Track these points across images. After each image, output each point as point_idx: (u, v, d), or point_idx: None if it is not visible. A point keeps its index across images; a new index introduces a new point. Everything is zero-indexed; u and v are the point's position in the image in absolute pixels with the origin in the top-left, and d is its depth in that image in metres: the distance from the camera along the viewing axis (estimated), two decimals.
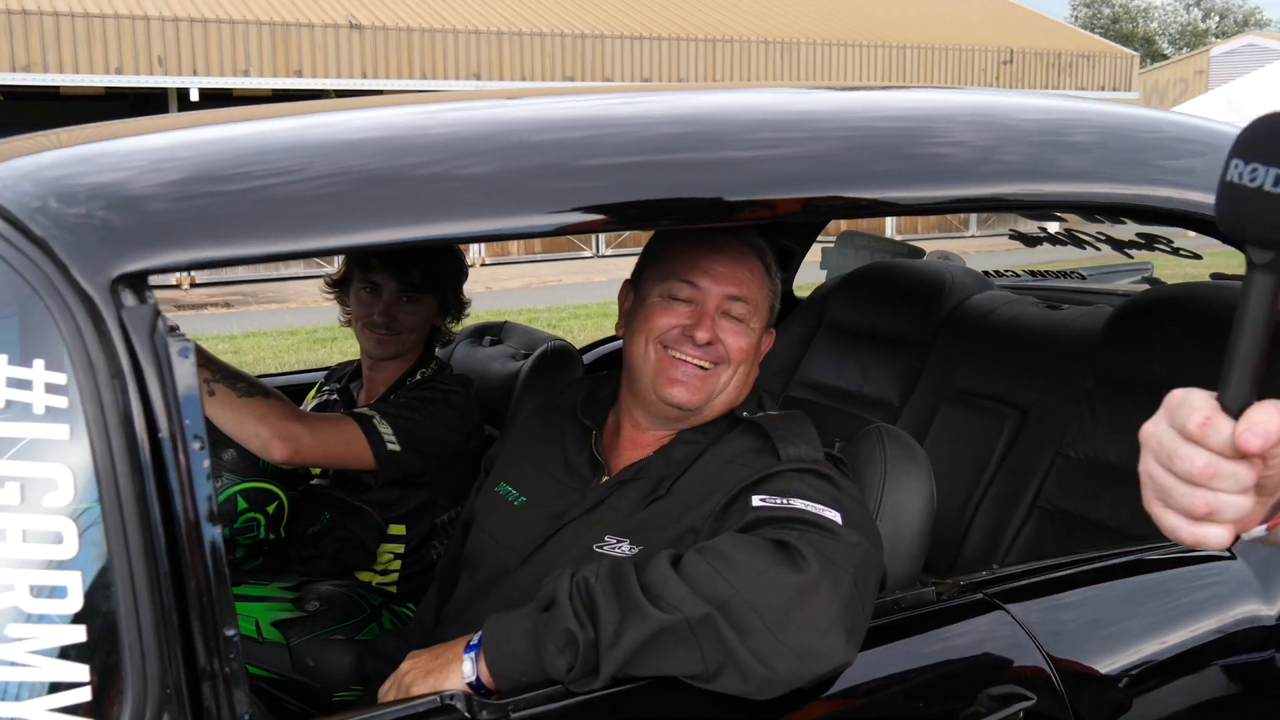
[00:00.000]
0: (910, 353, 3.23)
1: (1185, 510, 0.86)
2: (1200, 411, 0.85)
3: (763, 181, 1.42)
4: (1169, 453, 0.86)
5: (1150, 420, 0.90)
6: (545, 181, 1.30)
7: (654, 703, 1.32)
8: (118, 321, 1.08)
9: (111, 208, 1.16)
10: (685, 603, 1.32)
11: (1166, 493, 0.87)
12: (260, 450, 2.06)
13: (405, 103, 1.66)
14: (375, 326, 2.43)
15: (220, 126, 1.45)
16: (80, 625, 1.06)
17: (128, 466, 1.06)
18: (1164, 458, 0.87)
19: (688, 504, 1.65)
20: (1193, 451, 0.85)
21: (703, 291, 1.70)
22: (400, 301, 2.43)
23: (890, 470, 1.73)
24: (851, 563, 1.38)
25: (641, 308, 1.76)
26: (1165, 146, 1.77)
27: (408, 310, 2.44)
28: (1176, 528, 0.87)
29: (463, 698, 1.27)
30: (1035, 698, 1.41)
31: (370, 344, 2.46)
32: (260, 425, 2.04)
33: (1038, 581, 1.58)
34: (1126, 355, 2.58)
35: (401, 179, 1.25)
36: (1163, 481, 0.87)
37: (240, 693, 1.10)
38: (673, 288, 1.72)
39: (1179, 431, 0.86)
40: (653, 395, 1.72)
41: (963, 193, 1.55)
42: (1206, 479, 0.84)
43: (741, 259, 1.73)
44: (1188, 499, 0.85)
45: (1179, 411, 0.86)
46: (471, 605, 1.81)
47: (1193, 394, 0.86)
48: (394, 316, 2.43)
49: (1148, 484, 0.90)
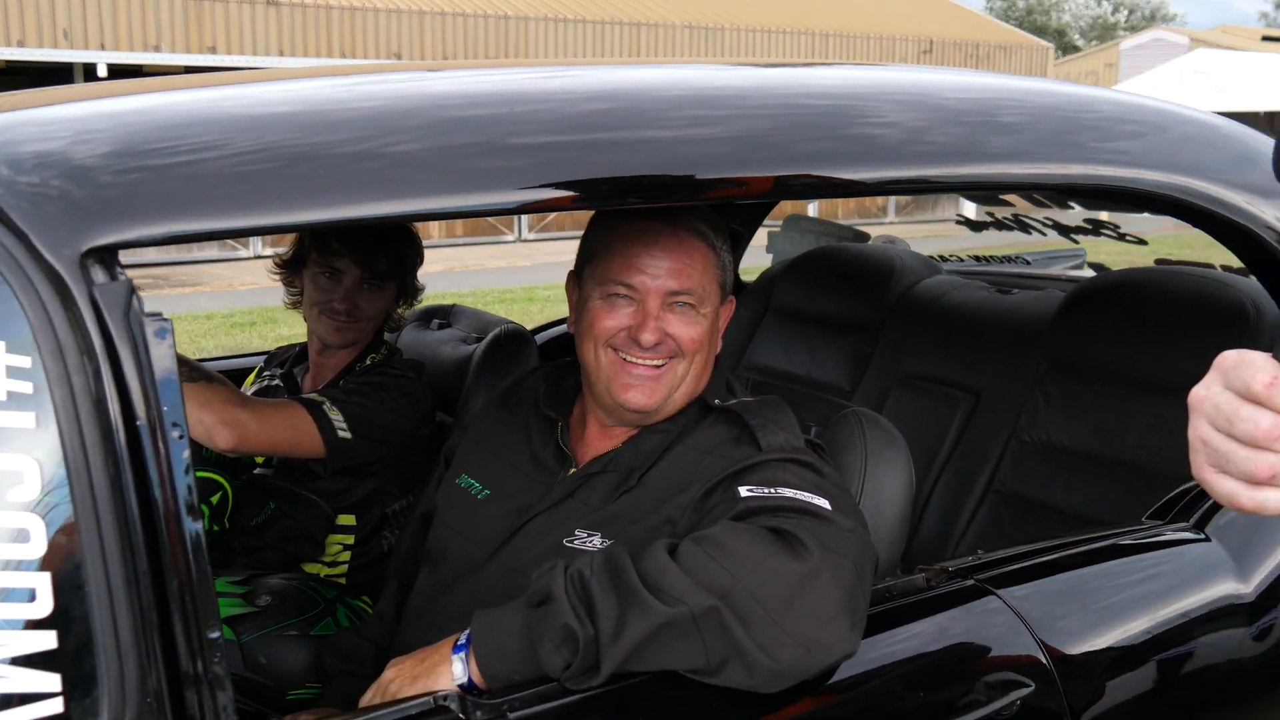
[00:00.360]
0: (860, 337, 3.22)
1: (1247, 475, 0.83)
2: (1265, 371, 0.82)
3: (689, 161, 1.37)
4: (1228, 415, 0.83)
5: (1200, 384, 0.87)
6: (476, 160, 1.24)
7: (654, 699, 1.27)
8: (89, 299, 0.99)
9: (64, 177, 1.08)
10: (689, 594, 1.27)
11: (1225, 457, 0.84)
12: (204, 438, 1.96)
13: (320, 75, 1.59)
14: (335, 313, 2.34)
15: (124, 98, 1.36)
16: (50, 630, 0.98)
17: (101, 456, 0.98)
18: (1222, 421, 0.84)
19: (663, 495, 1.60)
20: (1256, 413, 0.81)
21: (640, 292, 1.63)
22: (362, 288, 2.34)
23: (871, 456, 1.70)
24: (851, 549, 1.35)
25: (586, 310, 1.69)
26: (1099, 127, 1.76)
27: (369, 297, 2.36)
28: (1235, 493, 0.84)
29: (456, 698, 1.21)
30: (1033, 685, 1.39)
31: (327, 331, 2.37)
32: (204, 411, 1.95)
33: (1026, 566, 1.56)
34: (1078, 339, 2.59)
35: (325, 156, 1.18)
36: (1220, 446, 0.84)
37: (225, 696, 1.03)
38: (610, 289, 1.65)
39: (1240, 393, 0.83)
40: (609, 400, 1.67)
41: (894, 174, 1.52)
42: (1272, 440, 0.81)
43: (679, 247, 1.65)
44: (1250, 462, 0.82)
45: (1239, 371, 0.83)
46: (436, 601, 1.75)
47: (1250, 354, 0.84)
48: (355, 304, 2.34)
49: (1199, 449, 0.86)
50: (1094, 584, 1.59)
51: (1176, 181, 1.73)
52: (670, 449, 1.65)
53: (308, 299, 2.38)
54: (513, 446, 1.82)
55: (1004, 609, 1.46)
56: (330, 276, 2.33)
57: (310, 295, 2.37)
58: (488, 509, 1.76)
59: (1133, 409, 2.46)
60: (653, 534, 1.54)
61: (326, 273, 2.33)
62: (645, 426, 1.69)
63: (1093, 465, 2.52)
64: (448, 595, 1.72)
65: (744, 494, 1.46)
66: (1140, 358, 2.45)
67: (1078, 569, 1.60)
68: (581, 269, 1.74)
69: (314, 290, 2.35)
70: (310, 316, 2.38)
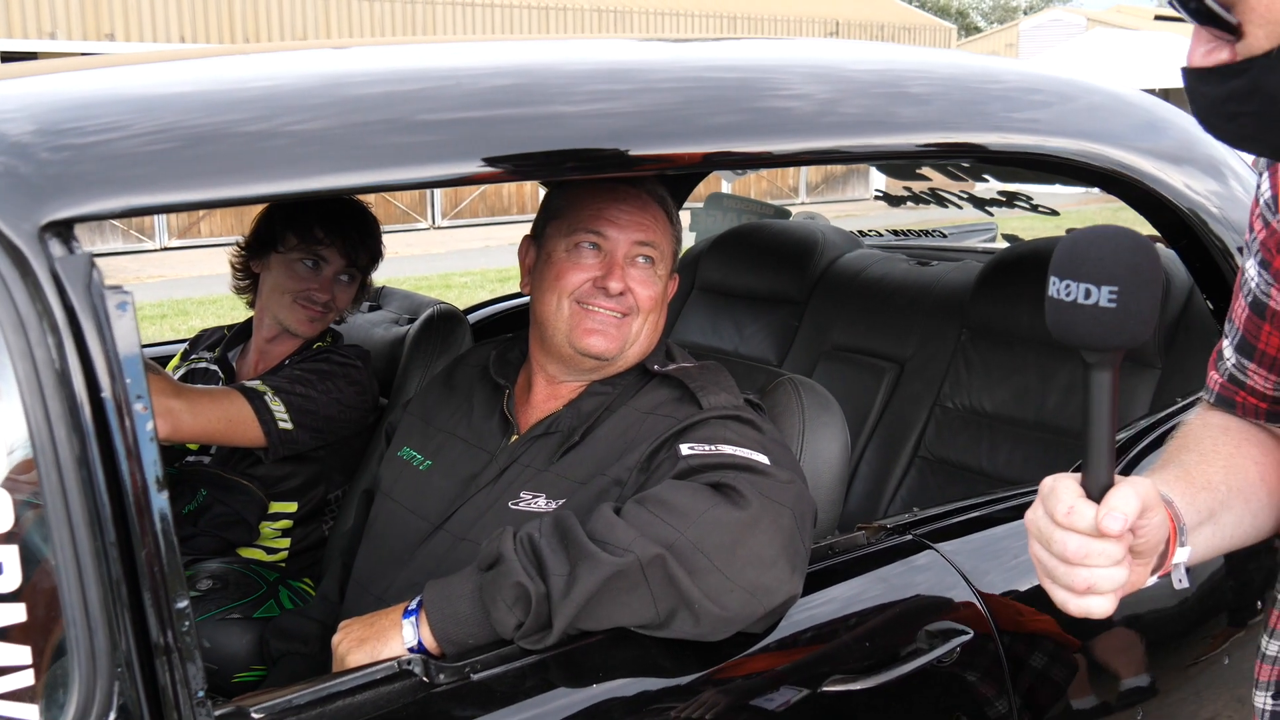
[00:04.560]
0: (785, 311, 3.27)
1: (1068, 586, 0.95)
2: (1064, 501, 0.94)
3: (597, 136, 1.39)
4: (1046, 537, 0.96)
5: (1029, 508, 1.00)
6: (383, 137, 1.25)
7: (608, 656, 1.30)
8: (49, 273, 0.99)
9: (6, 153, 1.07)
10: (635, 544, 1.31)
11: (1050, 571, 0.97)
12: None
13: (213, 54, 1.59)
14: (312, 303, 2.30)
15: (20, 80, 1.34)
16: (19, 604, 0.98)
17: (66, 431, 0.98)
18: (1044, 541, 0.96)
19: (607, 456, 1.63)
20: (1065, 536, 0.94)
21: (610, 241, 1.69)
22: (340, 280, 2.32)
23: (808, 420, 1.75)
24: (788, 498, 1.40)
25: (549, 264, 1.73)
26: (1007, 97, 1.83)
27: (344, 289, 2.34)
28: (1064, 601, 0.97)
29: (420, 661, 1.23)
30: (972, 632, 1.45)
31: (298, 320, 2.31)
32: None
33: (959, 522, 1.62)
34: (997, 307, 2.68)
35: (228, 135, 1.17)
36: (1045, 562, 0.97)
37: (194, 666, 1.04)
38: (579, 238, 1.70)
39: (1051, 518, 0.95)
40: (568, 349, 1.70)
41: (805, 145, 1.56)
42: (1080, 559, 0.93)
43: (645, 206, 1.72)
44: (1068, 577, 0.95)
45: (1049, 500, 0.96)
46: (383, 576, 1.76)
47: (1060, 482, 0.96)
48: (334, 295, 2.32)
49: (1036, 564, 0.99)
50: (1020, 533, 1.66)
51: (1087, 149, 1.81)
52: (612, 411, 1.69)
53: (276, 286, 2.31)
54: (454, 418, 1.84)
55: (941, 561, 1.52)
56: (312, 264, 2.29)
57: (282, 282, 2.30)
58: (432, 481, 1.77)
59: (1053, 371, 2.55)
60: (601, 496, 1.57)
61: (309, 260, 2.29)
62: (587, 387, 1.73)
63: (1014, 428, 2.61)
64: (394, 569, 1.73)
65: (685, 452, 1.51)
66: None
67: (1007, 523, 1.67)
68: (542, 229, 1.78)
69: (289, 278, 2.29)
70: (278, 304, 2.31)
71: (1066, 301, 0.92)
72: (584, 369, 1.73)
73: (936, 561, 1.52)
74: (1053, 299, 0.94)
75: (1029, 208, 3.12)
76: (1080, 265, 0.92)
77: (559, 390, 1.76)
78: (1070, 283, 0.92)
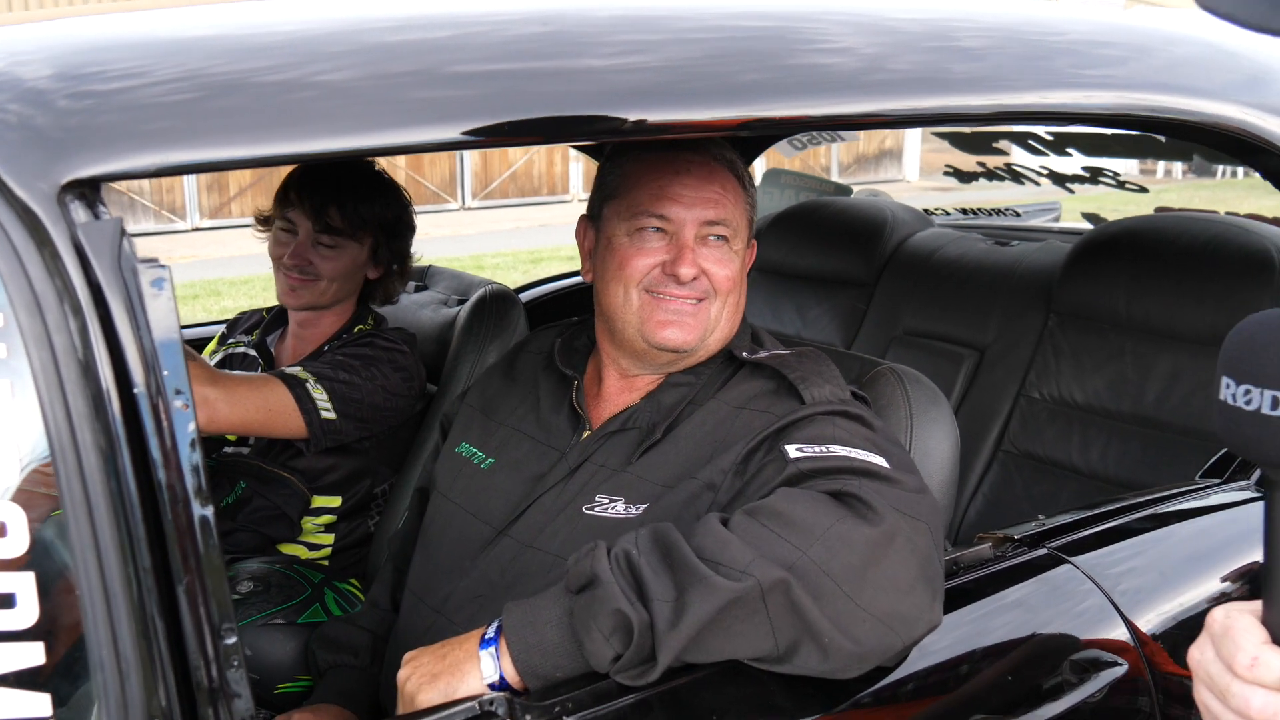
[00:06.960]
0: (852, 293, 3.11)
1: None
2: (1246, 651, 0.81)
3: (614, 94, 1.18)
4: (1222, 689, 0.83)
5: (1195, 645, 0.87)
6: (414, 91, 1.07)
7: (721, 693, 1.13)
8: (70, 242, 0.82)
9: (19, 101, 0.90)
10: (754, 566, 1.12)
11: None
12: None
13: None
14: (286, 270, 2.16)
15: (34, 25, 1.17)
16: (36, 642, 0.82)
17: (91, 432, 0.82)
18: (1218, 692, 0.84)
19: (694, 456, 1.45)
20: (1248, 691, 0.81)
21: (675, 223, 1.51)
22: (315, 245, 2.15)
23: (916, 416, 1.57)
24: (923, 511, 1.21)
25: (610, 251, 1.55)
26: (1074, 51, 1.59)
27: (325, 255, 2.16)
28: None
29: (504, 701, 1.05)
30: (1126, 665, 1.26)
31: (282, 290, 2.19)
32: None
33: (1095, 532, 1.43)
34: (1090, 290, 2.50)
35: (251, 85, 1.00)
36: (1220, 714, 0.84)
37: (244, 705, 0.87)
38: (641, 222, 1.52)
39: (1229, 667, 0.82)
40: (642, 343, 1.53)
41: (847, 109, 1.32)
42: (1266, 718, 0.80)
43: (711, 176, 1.53)
44: None
45: (1224, 645, 0.83)
46: (441, 585, 1.59)
47: (1236, 620, 0.83)
48: (308, 260, 2.15)
49: (1203, 712, 0.86)
50: (1164, 548, 1.47)
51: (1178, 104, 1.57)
52: (697, 405, 1.51)
53: (270, 256, 2.21)
54: (518, 412, 1.67)
55: (1082, 578, 1.33)
56: (287, 230, 2.16)
57: (270, 250, 2.20)
58: (495, 480, 1.60)
59: (1152, 360, 2.36)
60: (690, 501, 1.40)
61: (286, 226, 2.16)
62: (666, 378, 1.56)
63: (1110, 421, 2.42)
64: (454, 578, 1.57)
65: (793, 454, 1.33)
66: (1158, 308, 2.35)
67: (1147, 533, 1.48)
68: (599, 210, 1.60)
69: (274, 245, 2.19)
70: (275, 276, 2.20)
71: (1247, 411, 0.79)
72: (660, 362, 1.56)
73: (1075, 578, 1.33)
74: (1228, 406, 0.80)
75: (1116, 184, 2.92)
76: (1263, 367, 0.78)
77: (634, 382, 1.58)
78: (1250, 388, 0.78)
